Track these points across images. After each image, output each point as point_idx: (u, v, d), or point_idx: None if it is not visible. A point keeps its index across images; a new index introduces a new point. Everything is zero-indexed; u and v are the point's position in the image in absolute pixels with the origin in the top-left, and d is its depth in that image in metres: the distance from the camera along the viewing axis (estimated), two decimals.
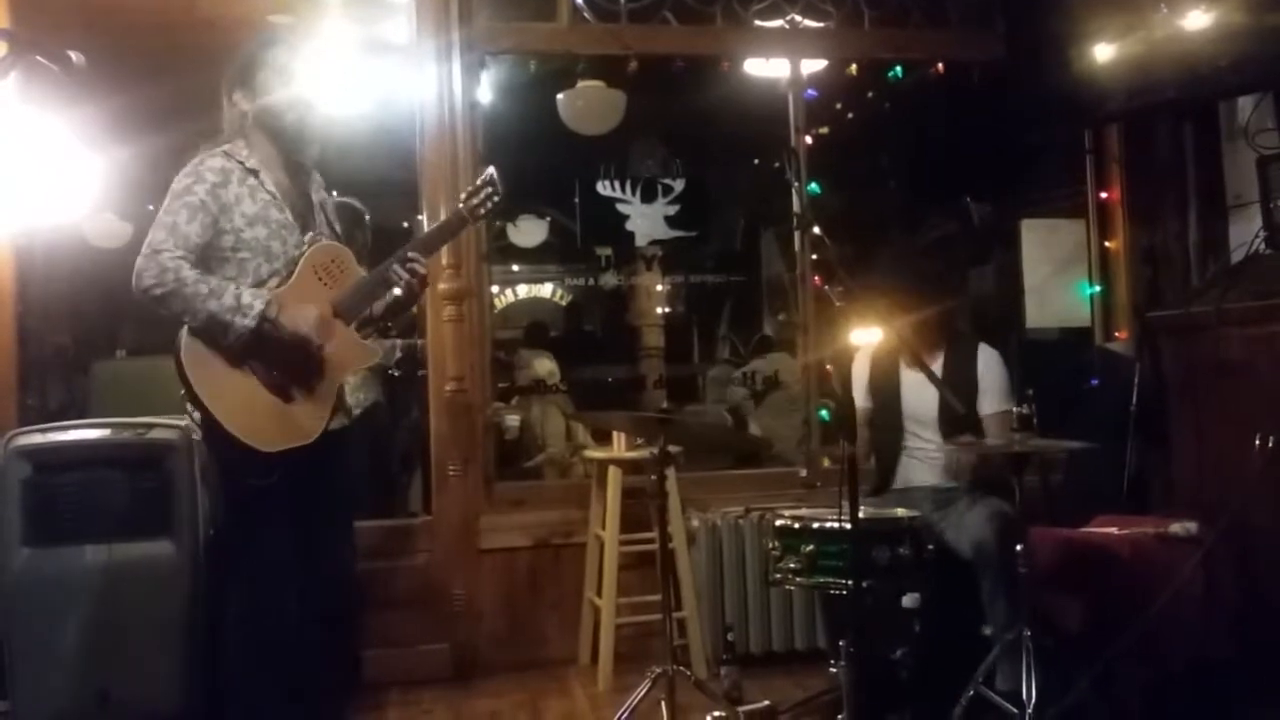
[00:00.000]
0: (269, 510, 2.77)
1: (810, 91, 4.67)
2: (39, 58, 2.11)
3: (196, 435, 3.07)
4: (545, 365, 5.87)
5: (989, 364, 3.48)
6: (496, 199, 3.03)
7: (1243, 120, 4.03)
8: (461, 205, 3.01)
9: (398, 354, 4.32)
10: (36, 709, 3.17)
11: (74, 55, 2.15)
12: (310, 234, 2.87)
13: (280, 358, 2.73)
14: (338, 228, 3.03)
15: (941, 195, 5.40)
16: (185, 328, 2.71)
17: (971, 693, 2.97)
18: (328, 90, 4.23)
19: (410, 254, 2.86)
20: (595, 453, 4.28)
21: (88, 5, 4.06)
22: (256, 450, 2.71)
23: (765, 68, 4.72)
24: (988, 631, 3.14)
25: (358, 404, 3.12)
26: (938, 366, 3.48)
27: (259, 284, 2.76)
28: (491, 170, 3.06)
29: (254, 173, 2.81)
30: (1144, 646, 2.95)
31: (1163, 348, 3.92)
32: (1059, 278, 4.74)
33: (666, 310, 6.86)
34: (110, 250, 5.65)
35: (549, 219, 7.22)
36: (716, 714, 3.25)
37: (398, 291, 2.91)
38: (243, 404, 2.73)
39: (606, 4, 4.36)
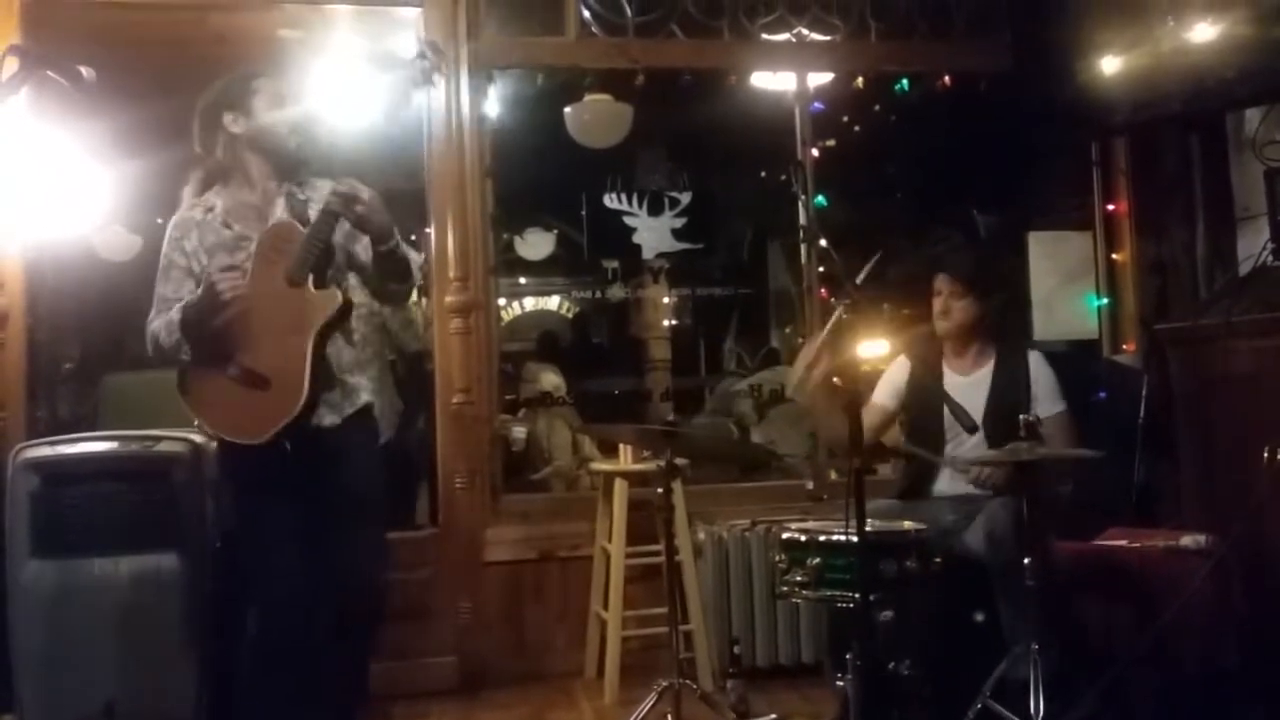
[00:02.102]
0: (278, 516, 2.79)
1: (817, 104, 4.68)
2: (50, 73, 2.13)
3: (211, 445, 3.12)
4: (550, 379, 5.87)
5: (1040, 367, 3.49)
6: (426, 68, 2.92)
7: (1250, 132, 4.02)
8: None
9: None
10: None
11: (84, 70, 2.17)
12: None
13: (237, 336, 2.73)
14: (314, 208, 2.87)
15: (948, 207, 5.40)
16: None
17: (979, 705, 2.96)
18: (335, 104, 4.27)
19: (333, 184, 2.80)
20: (602, 465, 4.28)
21: (98, 20, 4.08)
22: (256, 446, 2.73)
23: (772, 81, 4.73)
24: (979, 617, 3.12)
25: (395, 411, 3.04)
26: (987, 370, 3.50)
27: None
28: (421, 42, 2.99)
29: (210, 209, 2.88)
30: (1154, 659, 2.94)
31: (1171, 360, 3.91)
32: (1066, 290, 4.73)
33: (673, 323, 6.84)
34: (120, 263, 5.67)
35: (556, 232, 7.22)
36: None
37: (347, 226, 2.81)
38: (222, 405, 2.78)
39: (613, 18, 4.38)
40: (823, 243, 3.20)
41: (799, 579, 2.86)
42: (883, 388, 3.63)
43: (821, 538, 2.88)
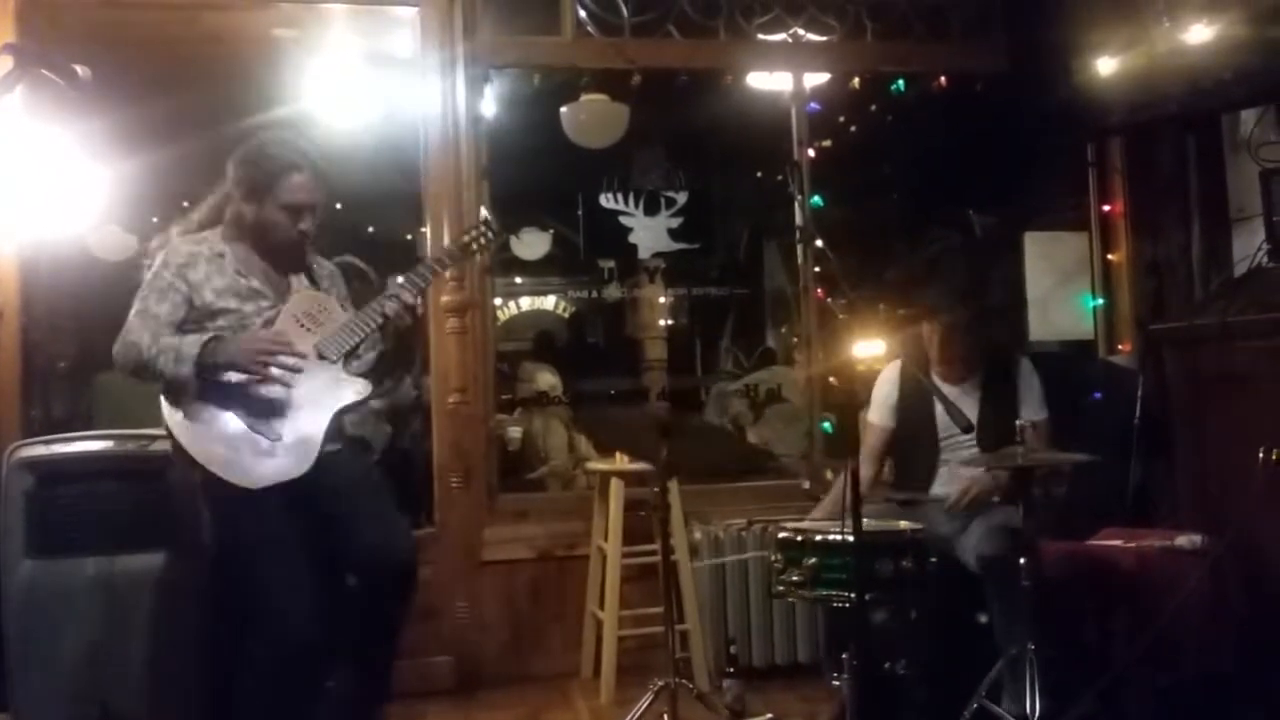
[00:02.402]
0: (280, 549, 2.80)
1: (813, 104, 4.68)
2: (45, 71, 2.12)
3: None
4: (546, 378, 5.87)
5: (1026, 374, 3.54)
6: (489, 238, 3.24)
7: (1246, 133, 4.03)
8: (450, 243, 3.25)
9: (412, 392, 4.38)
10: None
11: (80, 69, 2.16)
12: (288, 295, 2.95)
13: (255, 402, 2.78)
14: (322, 286, 3.05)
15: (944, 208, 5.41)
16: (162, 399, 2.83)
17: (975, 706, 2.96)
18: (332, 103, 4.28)
19: (397, 290, 2.96)
20: (598, 465, 4.28)
21: (93, 19, 4.07)
22: (247, 490, 2.76)
23: (768, 81, 4.73)
24: (982, 619, 3.13)
25: (383, 439, 3.17)
26: (977, 378, 3.53)
27: None
28: (485, 214, 3.34)
29: (220, 255, 2.90)
30: (1150, 659, 2.94)
31: (1166, 360, 3.91)
32: (1062, 290, 4.73)
33: (669, 322, 6.85)
34: (115, 263, 5.66)
35: (552, 231, 7.23)
36: None
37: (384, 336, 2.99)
38: (226, 445, 2.78)
39: (610, 18, 4.38)
40: (819, 243, 3.20)
41: (795, 578, 2.87)
42: (877, 407, 3.63)
43: (818, 537, 2.88)
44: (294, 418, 2.81)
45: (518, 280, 8.87)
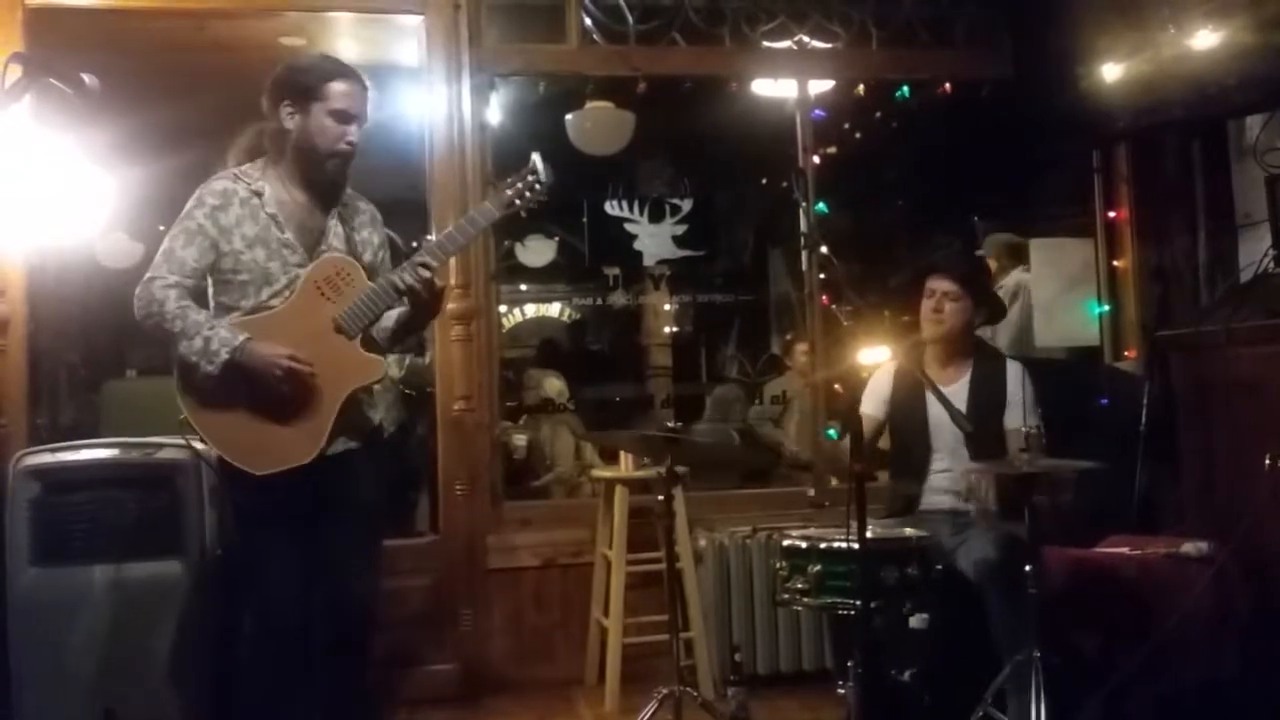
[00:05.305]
0: (275, 533, 2.77)
1: (818, 111, 4.68)
2: (53, 80, 2.14)
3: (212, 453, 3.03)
4: (554, 385, 5.87)
5: (1017, 379, 3.46)
6: (536, 190, 2.85)
7: (1251, 139, 4.03)
8: (490, 200, 2.89)
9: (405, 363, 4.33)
10: None
11: (87, 77, 2.17)
12: (318, 250, 2.79)
13: (265, 384, 2.67)
14: (360, 235, 2.89)
15: (949, 215, 5.41)
16: (174, 380, 2.74)
17: (981, 714, 2.95)
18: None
19: (421, 258, 2.74)
20: (603, 472, 4.28)
21: (100, 28, 4.09)
22: (250, 473, 2.70)
23: (773, 88, 4.74)
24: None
25: (392, 422, 3.05)
26: (965, 380, 3.48)
27: (259, 307, 2.73)
28: (536, 157, 2.86)
29: (258, 194, 2.76)
30: (1155, 667, 2.93)
31: (1172, 367, 3.91)
32: (1068, 297, 4.72)
33: (674, 330, 6.85)
34: (121, 270, 5.69)
35: (557, 239, 7.23)
36: None
37: (407, 302, 2.78)
38: (232, 427, 2.71)
39: (615, 25, 4.39)
40: (824, 250, 3.21)
41: (800, 586, 2.86)
42: (869, 398, 3.62)
43: (822, 545, 2.87)
44: (304, 402, 2.69)
45: (522, 287, 8.85)
